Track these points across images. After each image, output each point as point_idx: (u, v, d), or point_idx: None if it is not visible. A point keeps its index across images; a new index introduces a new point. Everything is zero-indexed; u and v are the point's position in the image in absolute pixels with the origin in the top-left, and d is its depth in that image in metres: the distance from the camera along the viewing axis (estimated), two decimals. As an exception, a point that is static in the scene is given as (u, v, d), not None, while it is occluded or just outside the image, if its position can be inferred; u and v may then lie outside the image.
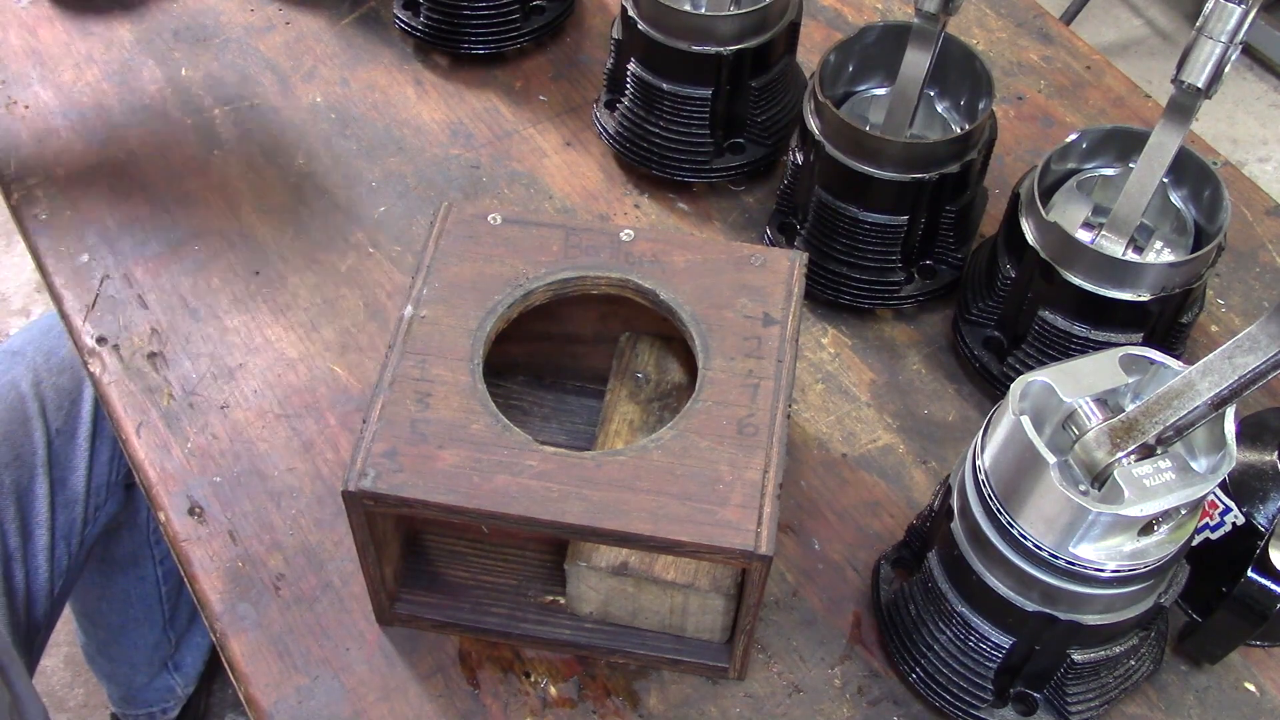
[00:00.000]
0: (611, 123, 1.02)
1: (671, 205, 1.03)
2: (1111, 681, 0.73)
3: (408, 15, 1.11)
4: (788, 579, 0.82)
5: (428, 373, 0.71)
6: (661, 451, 0.69)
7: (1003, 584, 0.69)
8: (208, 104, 1.09)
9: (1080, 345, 0.83)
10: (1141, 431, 0.62)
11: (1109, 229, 0.85)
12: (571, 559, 0.75)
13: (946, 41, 0.89)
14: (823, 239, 0.92)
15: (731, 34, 0.94)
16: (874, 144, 0.86)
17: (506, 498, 0.67)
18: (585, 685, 0.78)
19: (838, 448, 0.89)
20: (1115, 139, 0.87)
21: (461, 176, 1.04)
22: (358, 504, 0.68)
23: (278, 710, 0.76)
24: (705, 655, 0.77)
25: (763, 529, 0.66)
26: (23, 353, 1.17)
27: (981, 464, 0.68)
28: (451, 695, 0.77)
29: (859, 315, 0.96)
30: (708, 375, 0.72)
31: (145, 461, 0.87)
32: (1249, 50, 2.53)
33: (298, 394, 0.91)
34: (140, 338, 0.93)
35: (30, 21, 1.15)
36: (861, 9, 1.19)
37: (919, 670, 0.75)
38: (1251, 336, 0.61)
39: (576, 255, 0.77)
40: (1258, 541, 0.75)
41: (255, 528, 0.84)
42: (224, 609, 0.80)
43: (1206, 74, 0.75)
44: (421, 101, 1.10)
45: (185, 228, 1.00)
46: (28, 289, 2.15)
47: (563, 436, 0.85)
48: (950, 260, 0.95)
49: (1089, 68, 1.14)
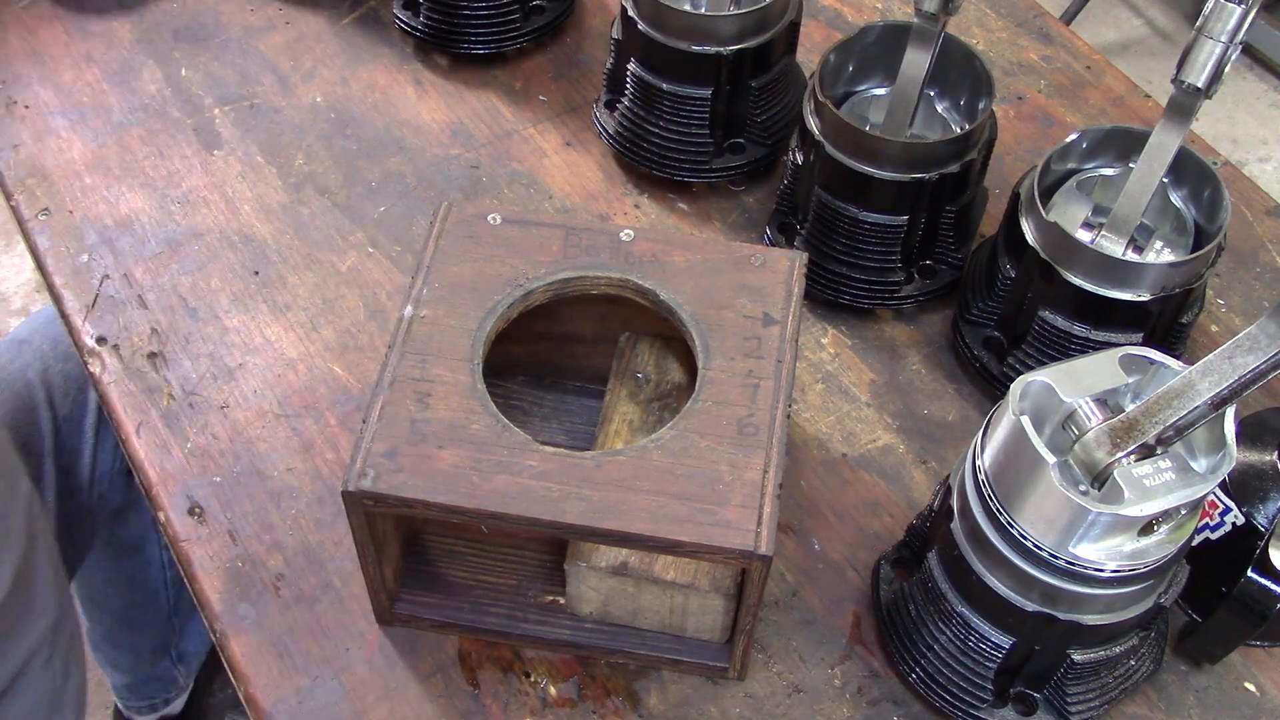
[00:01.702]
0: (611, 123, 1.02)
1: (671, 205, 1.03)
2: (1111, 681, 0.73)
3: (408, 15, 1.11)
4: (787, 579, 0.82)
5: (428, 373, 0.71)
6: (661, 451, 0.69)
7: (1003, 584, 0.69)
8: (208, 104, 1.09)
9: (1080, 345, 0.83)
10: (1141, 431, 0.62)
11: (1109, 229, 0.85)
12: (571, 559, 0.75)
13: (946, 41, 0.89)
14: (823, 239, 0.92)
15: (731, 34, 0.94)
16: (874, 144, 0.86)
17: (506, 498, 0.67)
18: (585, 685, 0.78)
19: (838, 448, 0.89)
20: (1115, 139, 0.87)
21: (461, 176, 1.04)
22: (358, 504, 0.68)
23: (278, 710, 0.76)
24: (705, 655, 0.77)
25: (762, 529, 0.66)
26: (30, 341, 1.17)
27: (981, 464, 0.68)
28: (451, 695, 0.77)
29: (859, 315, 0.96)
30: (708, 375, 0.72)
31: (145, 461, 0.87)
32: (1249, 50, 2.53)
33: (298, 394, 0.90)
34: (140, 338, 0.93)
35: (30, 21, 1.15)
36: (861, 9, 1.19)
37: (919, 670, 0.75)
38: (1251, 336, 0.61)
39: (576, 255, 0.77)
40: (1258, 541, 0.75)
41: (255, 528, 0.84)
42: (224, 609, 0.80)
43: (1206, 74, 0.75)
44: (421, 101, 1.10)
45: (185, 228, 1.00)
46: (28, 289, 2.16)
47: (563, 436, 0.85)
48: (950, 260, 0.95)
49: (1089, 68, 1.14)
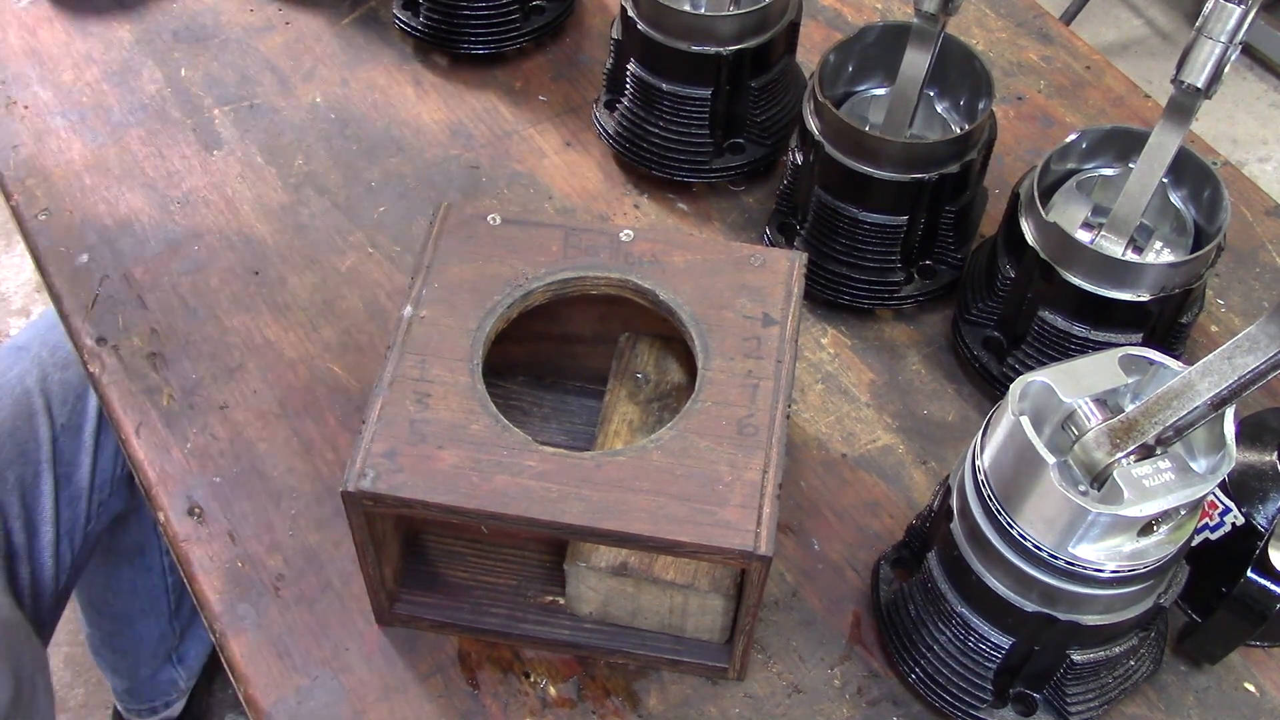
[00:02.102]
0: (611, 123, 1.02)
1: (671, 205, 1.03)
2: (1111, 682, 0.73)
3: (407, 15, 1.11)
4: (787, 579, 0.82)
5: (427, 373, 0.71)
6: (661, 452, 0.69)
7: (1002, 584, 0.69)
8: (207, 104, 1.09)
9: (1080, 345, 0.83)
10: (1141, 432, 0.62)
11: (1109, 229, 0.85)
12: (571, 559, 0.75)
13: (946, 41, 0.89)
14: (822, 239, 0.92)
15: (731, 34, 0.94)
16: (874, 144, 0.86)
17: (506, 498, 0.67)
18: (585, 685, 0.78)
19: (837, 448, 0.89)
20: (1115, 139, 0.87)
21: (461, 177, 1.04)
22: (357, 504, 0.68)
23: (277, 710, 0.76)
24: (705, 655, 0.77)
25: (762, 529, 0.66)
26: (28, 348, 1.17)
27: (981, 464, 0.68)
28: (451, 695, 0.77)
29: (859, 315, 0.96)
30: (707, 375, 0.72)
31: (145, 462, 0.87)
32: (1249, 50, 2.53)
33: (298, 394, 0.90)
34: (140, 338, 0.93)
35: (30, 21, 1.15)
36: (861, 9, 1.19)
37: (918, 670, 0.75)
38: (1251, 336, 0.61)
39: (576, 255, 0.77)
40: (1257, 542, 0.75)
41: (255, 528, 0.84)
42: (224, 609, 0.80)
43: (1206, 74, 0.75)
44: (421, 102, 1.10)
45: (185, 228, 1.00)
46: (28, 289, 2.16)
47: (562, 436, 0.85)
48: (950, 260, 0.94)
49: (1089, 68, 1.14)
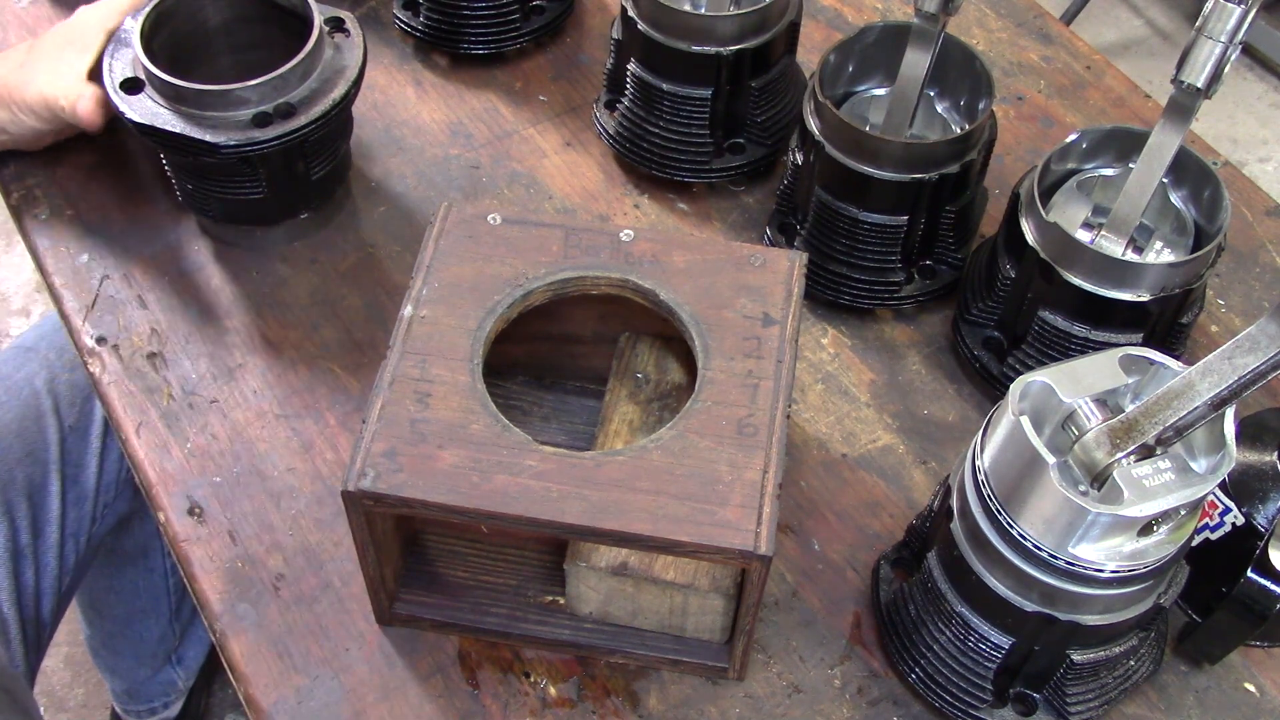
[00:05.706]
0: (611, 123, 1.02)
1: (671, 205, 1.03)
2: (1111, 682, 0.73)
3: (408, 15, 1.11)
4: (787, 579, 0.82)
5: (427, 373, 0.71)
6: (661, 452, 0.69)
7: (1002, 584, 0.69)
8: (208, 104, 1.09)
9: (1080, 345, 0.83)
10: (1141, 432, 0.62)
11: (1109, 229, 0.85)
12: (571, 559, 0.75)
13: (946, 41, 0.89)
14: (822, 239, 0.92)
15: (731, 34, 0.94)
16: (874, 144, 0.86)
17: (506, 498, 0.67)
18: (585, 685, 0.78)
19: (838, 448, 0.89)
20: (1115, 139, 0.87)
21: (461, 176, 1.04)
22: (357, 504, 0.68)
23: (277, 710, 0.76)
24: (705, 655, 0.77)
25: (762, 529, 0.66)
26: (36, 349, 1.17)
27: (981, 464, 0.68)
28: (451, 695, 0.77)
29: (859, 315, 0.96)
30: (707, 375, 0.72)
31: (145, 462, 0.87)
32: (1249, 50, 2.53)
33: (297, 394, 0.90)
34: (140, 338, 0.93)
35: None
36: (861, 9, 1.19)
37: (918, 670, 0.75)
38: (1251, 337, 0.61)
39: (576, 255, 0.77)
40: (1257, 542, 0.75)
41: (255, 528, 0.84)
42: (224, 609, 0.80)
43: (1206, 74, 0.75)
44: (421, 101, 1.10)
45: (185, 228, 1.00)
46: (28, 289, 2.15)
47: (563, 436, 0.85)
48: (950, 260, 0.95)
49: (1089, 68, 1.14)
